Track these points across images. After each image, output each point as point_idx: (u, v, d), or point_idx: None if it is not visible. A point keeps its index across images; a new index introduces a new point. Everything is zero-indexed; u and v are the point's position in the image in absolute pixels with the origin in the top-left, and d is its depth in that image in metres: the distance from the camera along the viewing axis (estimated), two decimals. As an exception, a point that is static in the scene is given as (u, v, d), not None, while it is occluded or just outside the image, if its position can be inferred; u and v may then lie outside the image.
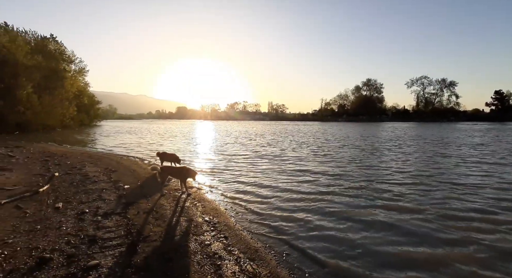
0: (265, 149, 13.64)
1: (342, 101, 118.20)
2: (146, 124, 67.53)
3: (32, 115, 29.47)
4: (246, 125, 58.74)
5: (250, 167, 8.59)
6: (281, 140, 18.62)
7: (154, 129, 39.45)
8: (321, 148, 13.98)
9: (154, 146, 15.72)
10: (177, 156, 8.50)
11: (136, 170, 7.72)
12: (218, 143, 16.91)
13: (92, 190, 5.35)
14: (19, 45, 30.21)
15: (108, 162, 9.11)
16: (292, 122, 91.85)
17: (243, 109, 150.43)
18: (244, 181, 6.70)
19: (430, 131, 28.79)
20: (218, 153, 12.16)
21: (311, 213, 4.50)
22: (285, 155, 11.26)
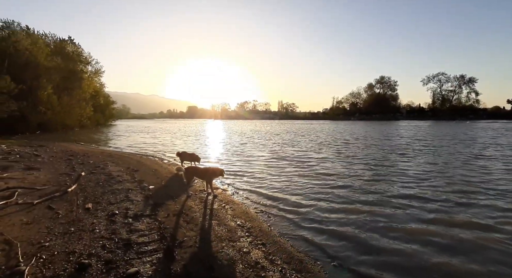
0: (284, 149, 13.23)
1: (354, 99, 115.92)
2: (158, 124, 68.74)
3: (52, 115, 30.53)
4: (257, 124, 58.58)
5: (273, 170, 8.22)
6: (298, 140, 18.28)
7: (167, 129, 40.00)
8: (343, 149, 13.37)
9: (169, 146, 15.82)
10: (197, 155, 8.43)
11: (157, 169, 7.68)
12: (234, 143, 16.71)
13: (119, 190, 5.31)
14: (40, 47, 31.34)
15: (129, 161, 9.16)
16: (303, 121, 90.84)
17: (253, 108, 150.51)
18: (270, 185, 6.40)
19: (453, 129, 27.52)
20: (235, 154, 11.86)
21: (352, 225, 3.98)
22: (306, 156, 10.83)
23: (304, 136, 21.64)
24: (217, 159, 10.31)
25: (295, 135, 22.93)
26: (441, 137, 19.05)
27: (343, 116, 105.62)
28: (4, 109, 24.23)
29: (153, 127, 45.25)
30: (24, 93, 27.20)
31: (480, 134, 21.41)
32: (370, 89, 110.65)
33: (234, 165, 9.04)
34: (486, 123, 48.96)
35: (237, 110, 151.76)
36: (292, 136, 22.36)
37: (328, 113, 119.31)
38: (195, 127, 47.13)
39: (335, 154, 11.47)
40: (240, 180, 6.89)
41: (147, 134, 27.95)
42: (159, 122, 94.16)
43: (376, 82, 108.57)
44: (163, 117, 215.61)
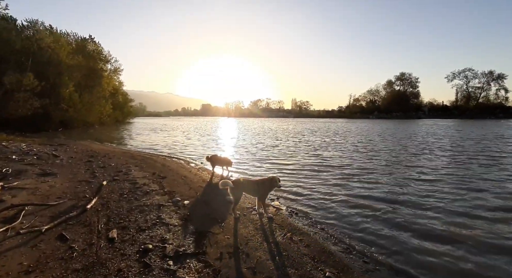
0: (325, 153, 11.35)
1: (372, 97, 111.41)
2: (174, 121, 68.90)
3: (74, 112, 30.71)
4: (273, 122, 57.12)
5: (322, 181, 6.59)
6: (328, 141, 16.74)
7: (184, 127, 39.50)
8: (391, 154, 10.90)
9: (191, 146, 14.87)
10: (229, 159, 7.32)
11: (187, 176, 6.62)
12: (258, 144, 15.14)
13: (148, 206, 4.25)
14: (62, 45, 31.58)
15: (153, 164, 8.19)
16: (320, 119, 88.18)
17: (266, 106, 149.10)
18: (332, 204, 4.95)
19: (487, 129, 24.70)
20: (267, 160, 9.73)
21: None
22: (357, 165, 8.58)
23: (332, 137, 20.07)
24: (250, 166, 8.92)
25: (323, 135, 21.38)
26: (487, 138, 16.82)
27: (360, 115, 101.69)
28: (27, 107, 24.43)
29: (170, 125, 45.02)
30: (46, 90, 27.40)
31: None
32: (389, 86, 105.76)
33: (272, 173, 7.79)
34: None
35: (250, 108, 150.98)
36: (318, 136, 20.85)
37: (344, 111, 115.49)
38: (211, 125, 46.44)
39: (393, 162, 9.07)
40: (288, 193, 5.62)
41: (165, 132, 27.40)
42: (174, 119, 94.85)
43: (396, 79, 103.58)
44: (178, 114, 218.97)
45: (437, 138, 17.43)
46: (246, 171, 7.78)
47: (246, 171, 7.70)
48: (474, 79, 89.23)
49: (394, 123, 44.83)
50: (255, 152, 11.79)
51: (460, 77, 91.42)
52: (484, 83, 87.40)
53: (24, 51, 26.88)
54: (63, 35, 35.73)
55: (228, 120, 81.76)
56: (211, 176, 6.83)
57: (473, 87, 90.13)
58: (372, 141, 16.19)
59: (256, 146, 13.83)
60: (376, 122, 56.31)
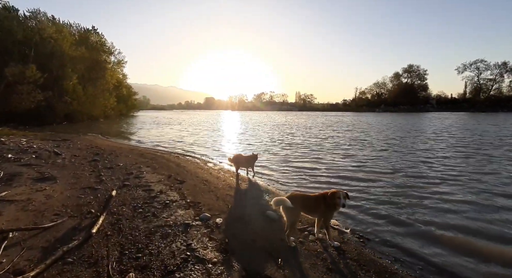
0: (352, 154, 9.44)
1: (379, 89, 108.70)
2: (178, 115, 67.97)
3: (78, 105, 29.86)
4: (279, 116, 55.80)
5: (375, 190, 5.27)
6: (349, 136, 15.58)
7: (189, 120, 38.54)
8: (447, 156, 8.87)
9: (201, 141, 13.88)
10: (255, 155, 6.32)
11: (209, 180, 5.61)
12: (274, 141, 13.79)
13: (171, 227, 3.24)
14: (65, 36, 30.49)
15: (166, 164, 7.20)
16: (326, 113, 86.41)
17: (270, 100, 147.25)
18: (419, 226, 3.69)
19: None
20: (291, 162, 8.21)
21: None
22: (409, 170, 6.90)
23: (352, 131, 18.86)
24: (275, 170, 7.32)
25: (343, 130, 20.20)
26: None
27: (366, 108, 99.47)
28: (30, 99, 23.61)
29: (175, 119, 44.09)
30: (50, 83, 26.50)
31: None
32: (396, 79, 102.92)
33: (304, 179, 6.50)
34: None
35: (254, 101, 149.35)
36: (339, 131, 19.67)
37: (350, 104, 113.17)
38: (217, 118, 45.37)
39: (460, 168, 7.10)
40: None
41: (172, 126, 26.46)
42: (178, 113, 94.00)
43: (404, 71, 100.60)
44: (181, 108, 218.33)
45: (473, 134, 16.09)
46: (274, 177, 6.62)
47: (275, 178, 6.55)
48: (486, 71, 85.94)
49: (405, 117, 43.15)
50: (274, 150, 10.51)
51: (472, 69, 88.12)
52: (497, 75, 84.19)
53: (26, 42, 25.88)
54: (65, 26, 34.59)
55: (232, 113, 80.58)
56: (237, 180, 5.83)
57: (484, 79, 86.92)
58: (403, 138, 14.42)
59: (273, 144, 12.59)
60: (384, 115, 54.56)
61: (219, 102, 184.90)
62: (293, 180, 6.14)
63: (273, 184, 5.83)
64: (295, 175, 6.53)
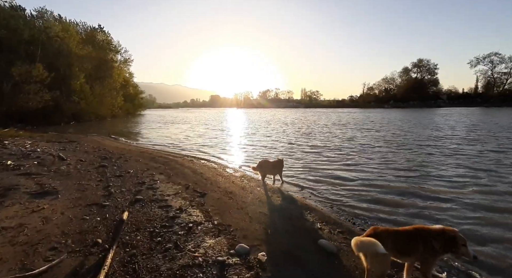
0: (390, 159, 7.92)
1: (387, 85, 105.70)
2: (185, 113, 67.57)
3: (85, 104, 29.51)
4: (287, 113, 54.62)
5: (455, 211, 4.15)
6: (373, 136, 14.51)
7: (197, 119, 37.88)
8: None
9: (214, 142, 13.11)
10: (281, 160, 5.51)
11: (234, 192, 4.79)
12: (293, 142, 12.39)
13: (201, 269, 2.45)
14: (72, 35, 30.10)
15: (181, 170, 6.42)
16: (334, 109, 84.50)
17: (275, 97, 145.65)
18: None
19: None
20: (319, 169, 7.01)
21: None
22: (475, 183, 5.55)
23: (373, 130, 17.76)
24: (304, 178, 6.19)
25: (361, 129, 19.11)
26: None
27: (375, 104, 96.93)
28: (38, 99, 23.26)
29: (182, 117, 43.56)
30: (57, 82, 26.14)
31: None
32: (405, 74, 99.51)
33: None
34: None
35: (259, 99, 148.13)
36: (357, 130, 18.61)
37: (357, 100, 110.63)
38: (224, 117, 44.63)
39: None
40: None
41: (179, 125, 25.83)
42: (184, 111, 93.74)
43: (413, 66, 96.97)
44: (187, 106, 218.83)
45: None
46: (308, 188, 5.59)
47: (309, 189, 5.54)
48: (501, 64, 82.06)
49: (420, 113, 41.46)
50: (298, 155, 9.16)
51: (485, 62, 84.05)
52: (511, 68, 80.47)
53: (33, 41, 25.50)
54: (71, 25, 34.19)
55: (238, 111, 79.54)
56: (265, 192, 5.00)
57: (499, 73, 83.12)
58: (439, 137, 13.09)
59: (293, 146, 11.22)
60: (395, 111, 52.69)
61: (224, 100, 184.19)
62: (331, 192, 5.20)
63: (309, 196, 4.96)
64: (331, 186, 5.57)
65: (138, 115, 51.83)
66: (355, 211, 4.24)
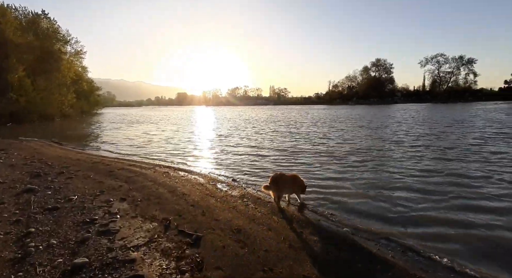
0: (388, 164, 6.86)
1: (350, 83, 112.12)
2: (150, 112, 63.00)
3: (27, 102, 24.96)
4: (258, 111, 53.89)
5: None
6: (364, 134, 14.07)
7: (164, 118, 34.98)
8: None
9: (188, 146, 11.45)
10: (301, 180, 4.28)
11: (243, 229, 3.32)
12: (285, 146, 10.21)
13: None
14: (9, 20, 25.10)
15: (154, 191, 4.76)
16: (302, 106, 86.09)
17: (244, 94, 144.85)
18: None
19: (470, 112, 23.44)
20: (323, 178, 5.88)
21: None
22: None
23: (359, 128, 17.35)
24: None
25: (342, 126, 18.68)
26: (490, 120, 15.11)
27: (340, 101, 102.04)
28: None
29: (147, 116, 40.08)
30: (-13, 76, 21.52)
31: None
32: (365, 73, 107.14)
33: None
34: (494, 104, 44.16)
35: (228, 96, 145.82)
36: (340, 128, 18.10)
37: (324, 97, 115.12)
38: (194, 115, 42.10)
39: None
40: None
41: (144, 125, 23.23)
42: (149, 109, 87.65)
43: (372, 65, 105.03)
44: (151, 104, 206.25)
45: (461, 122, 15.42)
46: (338, 213, 4.07)
47: (339, 214, 4.02)
48: (445, 64, 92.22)
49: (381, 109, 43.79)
50: (307, 165, 7.17)
51: (433, 63, 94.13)
52: (454, 68, 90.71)
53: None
54: (8, 9, 28.48)
55: (208, 109, 76.58)
56: (288, 223, 3.66)
57: (443, 72, 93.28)
58: (424, 134, 13.32)
59: (292, 152, 9.08)
60: (355, 108, 55.17)
61: (192, 98, 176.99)
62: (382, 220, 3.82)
63: (357, 233, 3.43)
64: (371, 206, 4.28)
65: (95, 114, 46.52)
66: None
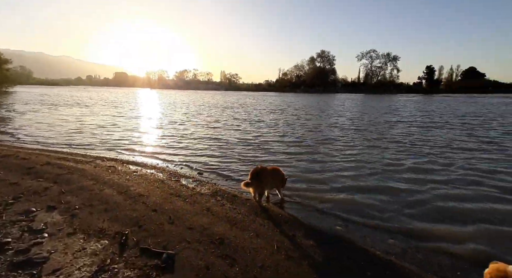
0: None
1: (298, 71, 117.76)
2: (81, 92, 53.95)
3: None
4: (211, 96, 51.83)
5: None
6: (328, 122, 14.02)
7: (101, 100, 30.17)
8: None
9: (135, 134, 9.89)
10: (283, 173, 3.75)
11: (225, 237, 2.54)
12: (255, 134, 9.33)
13: None
14: None
15: (96, 192, 3.64)
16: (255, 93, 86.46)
17: (193, 78, 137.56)
18: None
19: (385, 102, 27.54)
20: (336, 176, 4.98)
21: None
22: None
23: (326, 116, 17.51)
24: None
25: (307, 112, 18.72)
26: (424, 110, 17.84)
27: (289, 89, 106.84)
28: None
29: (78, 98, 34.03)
30: None
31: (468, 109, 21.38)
32: (312, 63, 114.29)
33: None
34: (408, 96, 51.43)
35: (176, 79, 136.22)
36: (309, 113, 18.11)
37: (274, 85, 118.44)
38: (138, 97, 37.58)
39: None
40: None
41: (75, 108, 19.47)
42: (77, 90, 75.06)
43: (317, 56, 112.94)
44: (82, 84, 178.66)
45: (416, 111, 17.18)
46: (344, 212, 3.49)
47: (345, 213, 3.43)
48: (376, 59, 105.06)
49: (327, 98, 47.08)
50: (295, 157, 6.29)
51: (367, 57, 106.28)
52: (383, 63, 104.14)
53: None
54: None
55: (154, 92, 69.85)
56: (276, 225, 3.05)
57: (375, 67, 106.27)
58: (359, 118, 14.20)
59: (245, 139, 8.46)
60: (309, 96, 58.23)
61: (134, 79, 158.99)
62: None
63: (350, 228, 3.09)
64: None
65: (4, 93, 37.34)
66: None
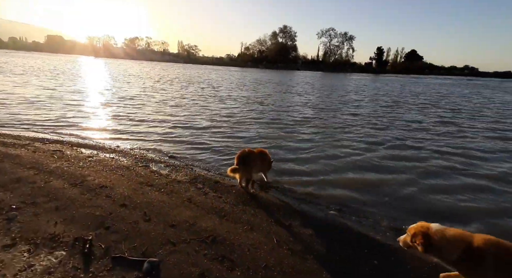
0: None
1: (261, 46, 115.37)
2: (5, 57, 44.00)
3: None
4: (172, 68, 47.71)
5: None
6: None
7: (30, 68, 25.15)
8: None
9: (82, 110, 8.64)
10: (269, 156, 3.57)
11: (217, 234, 2.28)
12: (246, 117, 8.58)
13: None
14: None
15: (36, 183, 2.98)
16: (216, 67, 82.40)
17: (146, 47, 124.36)
18: None
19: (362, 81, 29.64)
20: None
21: None
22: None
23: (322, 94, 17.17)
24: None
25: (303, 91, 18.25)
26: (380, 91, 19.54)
27: (251, 64, 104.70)
28: None
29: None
30: None
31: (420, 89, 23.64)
32: (274, 38, 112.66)
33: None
34: (361, 76, 55.22)
35: (126, 47, 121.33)
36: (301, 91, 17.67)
37: (236, 59, 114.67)
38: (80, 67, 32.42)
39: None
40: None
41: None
42: None
43: (280, 31, 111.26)
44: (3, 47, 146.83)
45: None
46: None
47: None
48: (335, 38, 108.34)
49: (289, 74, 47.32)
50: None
51: (326, 36, 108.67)
52: (340, 43, 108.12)
53: None
54: None
55: (99, 61, 61.23)
56: (277, 218, 2.80)
57: (333, 45, 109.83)
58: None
59: (216, 116, 8.32)
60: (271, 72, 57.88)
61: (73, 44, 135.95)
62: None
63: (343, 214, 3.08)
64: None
65: None
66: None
